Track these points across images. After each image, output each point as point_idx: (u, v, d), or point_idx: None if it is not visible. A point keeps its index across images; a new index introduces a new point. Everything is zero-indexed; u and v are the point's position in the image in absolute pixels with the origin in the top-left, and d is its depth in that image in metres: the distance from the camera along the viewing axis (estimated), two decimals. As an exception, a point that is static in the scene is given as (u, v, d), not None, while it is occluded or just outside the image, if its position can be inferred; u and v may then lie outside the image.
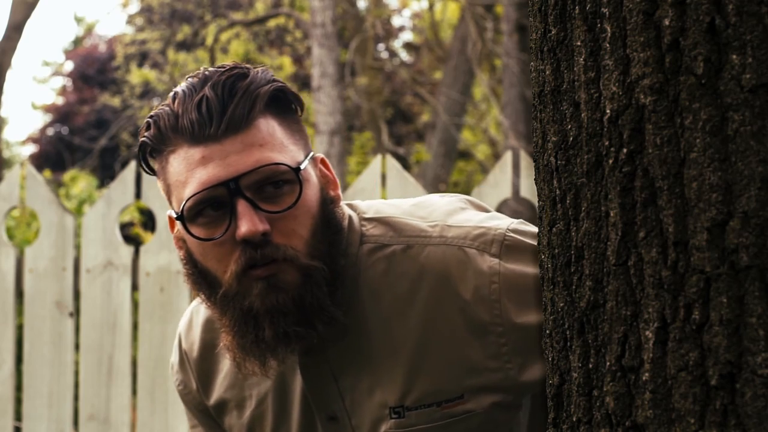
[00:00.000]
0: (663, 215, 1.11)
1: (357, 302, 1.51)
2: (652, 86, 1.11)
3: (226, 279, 1.43)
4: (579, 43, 1.20)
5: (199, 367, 1.66)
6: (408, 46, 16.86)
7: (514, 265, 1.48)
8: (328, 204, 1.49)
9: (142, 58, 15.82)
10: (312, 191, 1.46)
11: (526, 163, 3.38)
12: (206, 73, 1.45)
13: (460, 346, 1.48)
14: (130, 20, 16.89)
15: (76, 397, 3.50)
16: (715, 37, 1.07)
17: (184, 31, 14.49)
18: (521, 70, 9.46)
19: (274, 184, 1.42)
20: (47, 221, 3.48)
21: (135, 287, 3.43)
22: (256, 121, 1.43)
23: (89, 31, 20.56)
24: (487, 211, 1.60)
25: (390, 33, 15.63)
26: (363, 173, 3.36)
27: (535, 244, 1.49)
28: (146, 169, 1.50)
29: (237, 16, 14.25)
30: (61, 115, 17.67)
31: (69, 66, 18.62)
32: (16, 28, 10.58)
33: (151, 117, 1.47)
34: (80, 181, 11.05)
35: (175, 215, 1.46)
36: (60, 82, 19.53)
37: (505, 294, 1.46)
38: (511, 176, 3.27)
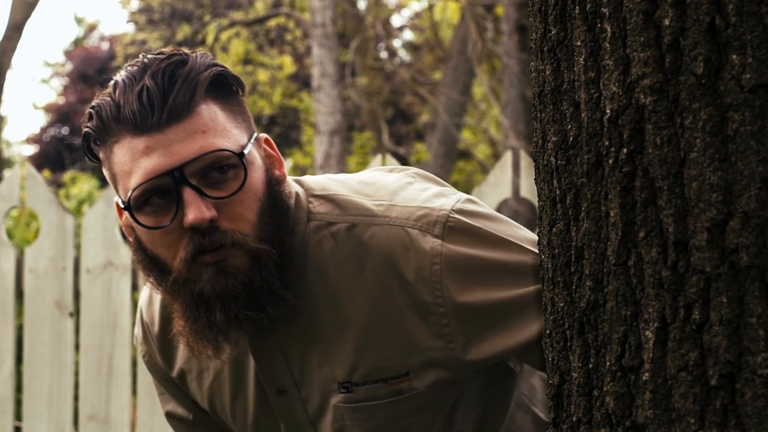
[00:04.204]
0: (663, 215, 1.11)
1: (304, 279, 1.52)
2: (652, 86, 1.11)
3: (175, 265, 1.45)
4: (579, 43, 1.20)
5: (160, 340, 1.68)
6: (408, 45, 16.86)
7: (457, 246, 1.48)
8: (274, 185, 1.50)
9: (143, 58, 15.78)
10: (257, 174, 1.47)
11: (526, 163, 3.38)
12: (145, 61, 1.47)
13: (404, 325, 1.49)
14: (131, 18, 16.88)
15: (76, 397, 3.50)
16: (715, 37, 1.07)
17: (184, 31, 14.49)
18: (521, 70, 9.46)
19: (218, 170, 1.43)
20: (47, 221, 3.48)
21: (135, 287, 3.43)
22: (198, 108, 1.44)
23: (90, 30, 20.56)
24: (438, 183, 1.60)
25: (390, 33, 15.63)
26: (363, 173, 3.36)
27: (478, 225, 1.49)
28: (91, 158, 1.51)
29: (237, 15, 14.25)
30: (61, 115, 17.67)
31: (69, 66, 18.62)
32: (16, 28, 10.58)
33: (92, 107, 1.48)
34: (81, 182, 11.05)
35: (122, 204, 1.47)
36: (60, 82, 19.53)
37: (447, 275, 1.47)
38: (511, 176, 3.27)
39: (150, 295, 1.70)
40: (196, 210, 1.40)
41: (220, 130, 1.45)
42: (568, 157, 1.22)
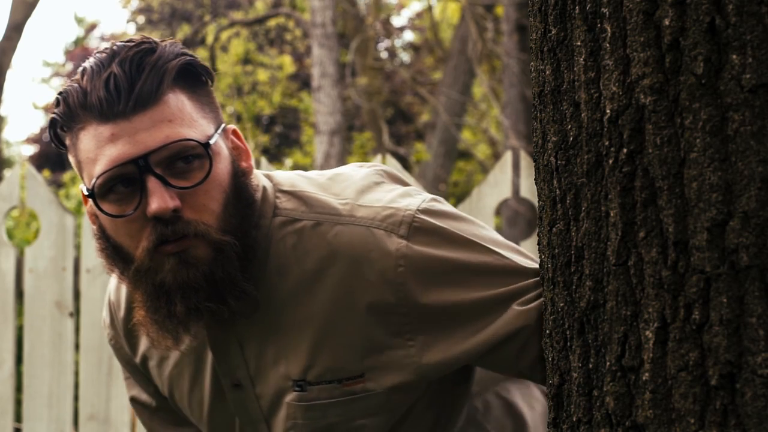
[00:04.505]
0: (663, 215, 1.11)
1: (266, 274, 1.51)
2: (652, 86, 1.11)
3: (138, 255, 1.45)
4: (579, 43, 1.20)
5: (125, 326, 1.68)
6: (408, 45, 16.86)
7: (422, 246, 1.47)
8: (239, 176, 1.49)
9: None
10: (223, 165, 1.47)
11: (526, 163, 3.38)
12: (114, 48, 1.46)
13: (364, 326, 1.48)
14: (131, 18, 16.89)
15: (76, 397, 3.50)
16: (715, 37, 1.07)
17: (184, 31, 14.49)
18: (521, 70, 9.46)
19: (184, 160, 1.43)
20: (47, 221, 3.48)
21: (135, 287, 3.43)
22: (165, 97, 1.43)
23: (90, 30, 20.57)
24: (404, 184, 1.60)
25: (390, 33, 15.63)
26: (363, 173, 3.35)
27: (444, 226, 1.49)
28: (57, 144, 1.51)
29: (237, 15, 14.25)
30: (61, 115, 17.64)
31: (69, 66, 18.62)
32: (16, 28, 10.58)
33: (60, 93, 1.48)
34: (81, 182, 11.05)
35: (86, 192, 1.47)
36: (60, 82, 19.53)
37: (411, 276, 1.46)
38: (511, 176, 3.27)
39: (118, 282, 1.70)
40: (159, 199, 1.40)
41: (187, 119, 1.45)
42: (568, 157, 1.22)
